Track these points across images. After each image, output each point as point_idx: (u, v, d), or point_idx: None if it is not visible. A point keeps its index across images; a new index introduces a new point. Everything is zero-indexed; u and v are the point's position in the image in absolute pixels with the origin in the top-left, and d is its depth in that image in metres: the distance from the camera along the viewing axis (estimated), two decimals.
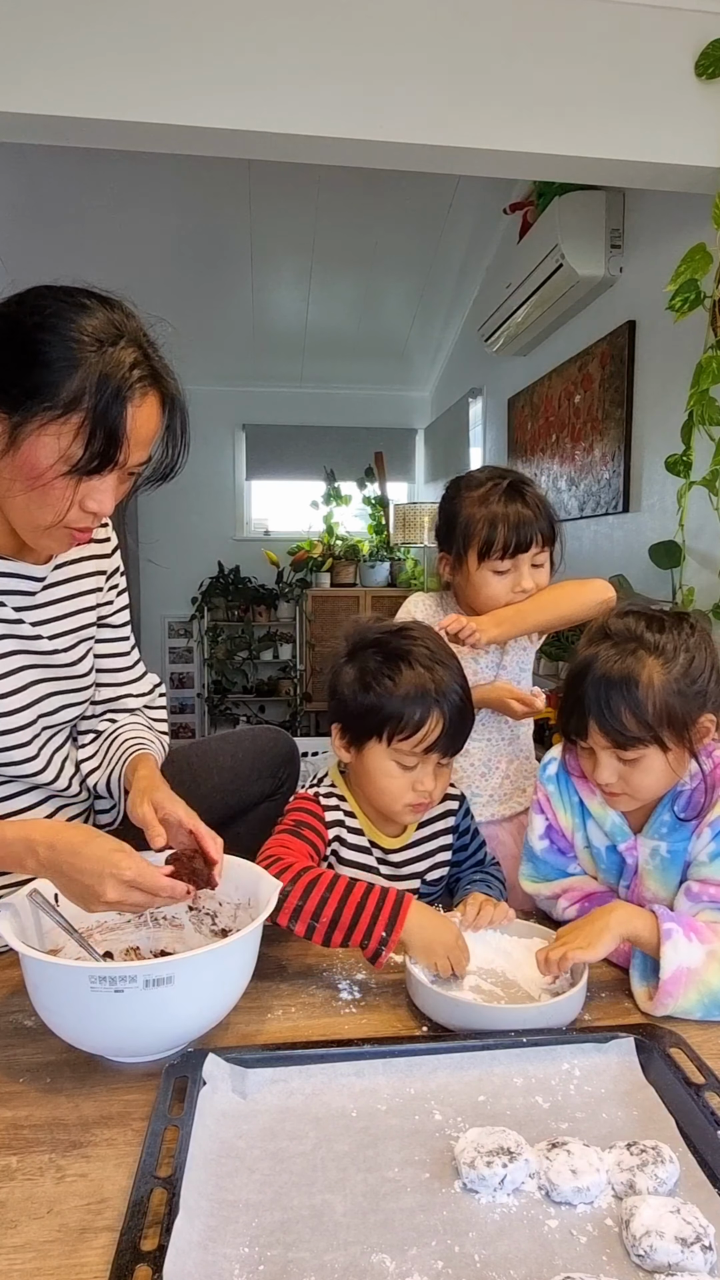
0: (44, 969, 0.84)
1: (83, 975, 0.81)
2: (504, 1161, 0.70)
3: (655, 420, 2.60)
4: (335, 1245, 0.65)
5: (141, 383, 0.93)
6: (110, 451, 0.93)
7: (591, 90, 1.93)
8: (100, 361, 0.90)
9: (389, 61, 1.86)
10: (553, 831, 1.21)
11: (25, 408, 0.89)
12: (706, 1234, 0.63)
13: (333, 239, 3.97)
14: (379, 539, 5.41)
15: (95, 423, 0.90)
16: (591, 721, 1.05)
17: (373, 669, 1.12)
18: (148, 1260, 0.61)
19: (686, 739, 1.05)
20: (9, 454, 0.92)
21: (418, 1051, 0.86)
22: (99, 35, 1.74)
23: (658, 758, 1.05)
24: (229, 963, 0.89)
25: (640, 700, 1.02)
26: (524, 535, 1.35)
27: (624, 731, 1.03)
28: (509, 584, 1.38)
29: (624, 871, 1.16)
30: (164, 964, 0.82)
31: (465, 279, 4.32)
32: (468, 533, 1.36)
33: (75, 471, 0.92)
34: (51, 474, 0.92)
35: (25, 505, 0.96)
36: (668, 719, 1.02)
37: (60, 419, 0.90)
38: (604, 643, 1.07)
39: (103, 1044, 0.87)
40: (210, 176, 3.44)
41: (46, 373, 0.89)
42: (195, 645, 5.50)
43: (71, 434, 0.91)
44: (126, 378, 0.91)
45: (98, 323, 0.92)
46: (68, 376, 0.89)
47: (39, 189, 3.51)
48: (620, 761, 1.06)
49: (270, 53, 1.81)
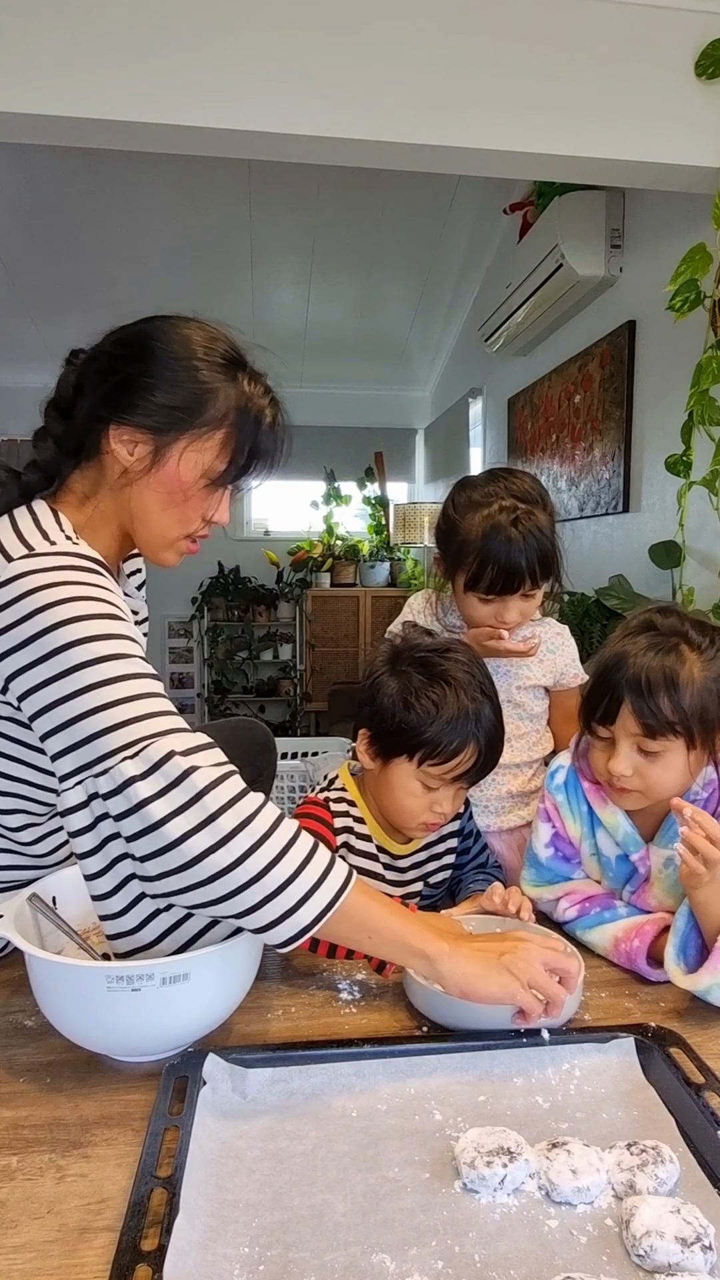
0: (58, 971, 0.83)
1: (99, 975, 0.81)
2: (504, 1161, 0.70)
3: (655, 420, 2.60)
4: (335, 1245, 0.65)
5: (272, 403, 1.02)
6: (249, 464, 1.01)
7: (591, 90, 1.93)
8: (236, 382, 0.99)
9: (389, 61, 1.86)
10: (559, 840, 1.21)
11: (174, 428, 0.97)
12: (707, 1234, 0.63)
13: (333, 239, 3.97)
14: (379, 539, 5.41)
15: (240, 439, 0.99)
16: (626, 705, 1.04)
17: (416, 687, 1.10)
18: (148, 1260, 0.61)
19: (711, 742, 1.05)
20: (153, 470, 0.98)
21: (418, 1051, 0.86)
22: (99, 35, 1.74)
23: (680, 754, 1.05)
24: (241, 959, 0.90)
25: (680, 689, 1.02)
26: (512, 579, 1.30)
27: (657, 717, 1.02)
28: (492, 613, 1.34)
29: (633, 879, 1.15)
30: (180, 961, 0.82)
31: (465, 279, 4.32)
32: (459, 557, 1.33)
33: (215, 484, 1.00)
34: (195, 488, 0.99)
35: (160, 520, 1.02)
36: (701, 715, 1.03)
37: (206, 435, 0.98)
38: (646, 633, 1.08)
39: (117, 1043, 0.87)
40: (210, 176, 3.44)
41: (195, 394, 0.97)
42: (195, 645, 5.50)
43: (215, 450, 0.99)
44: (264, 392, 1.01)
45: (218, 343, 1.00)
46: (212, 396, 0.97)
47: (39, 189, 3.51)
48: (641, 753, 1.06)
49: (270, 53, 1.81)
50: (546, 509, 1.34)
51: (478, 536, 1.29)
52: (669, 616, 1.09)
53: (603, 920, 1.13)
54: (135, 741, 0.82)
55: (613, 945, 1.09)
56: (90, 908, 0.94)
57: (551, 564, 1.34)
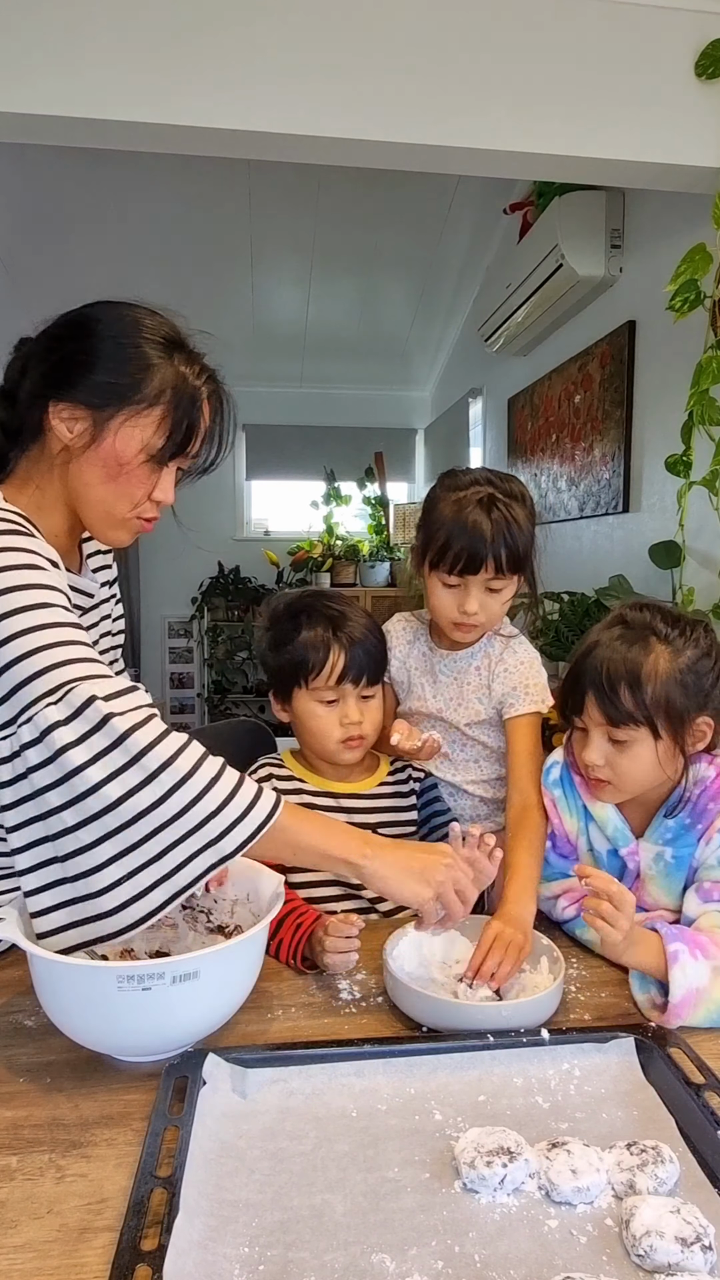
0: (66, 971, 0.83)
1: (110, 975, 0.81)
2: (504, 1161, 0.70)
3: (655, 420, 2.60)
4: (335, 1245, 0.65)
5: (210, 380, 1.05)
6: (187, 440, 1.02)
7: (591, 90, 1.94)
8: (175, 360, 1.01)
9: (389, 61, 1.86)
10: (557, 837, 1.21)
11: (112, 403, 0.98)
12: (706, 1234, 0.63)
13: (333, 239, 3.97)
14: (379, 539, 5.40)
15: (177, 414, 1.00)
16: (589, 695, 1.07)
17: (282, 632, 1.28)
18: (148, 1260, 0.61)
19: (680, 735, 1.05)
20: (92, 446, 0.99)
21: (418, 1051, 0.86)
22: (99, 35, 1.74)
23: (647, 745, 1.06)
24: (249, 956, 0.91)
25: (642, 680, 1.04)
26: (475, 557, 1.24)
27: (618, 708, 1.04)
28: (454, 601, 1.29)
29: (625, 876, 1.15)
30: (191, 959, 0.82)
31: (465, 279, 4.32)
32: (428, 535, 1.30)
33: (154, 460, 1.01)
34: (134, 463, 1.00)
35: (103, 497, 1.03)
36: (665, 706, 1.04)
37: (144, 411, 0.99)
38: (617, 626, 1.10)
39: (125, 1044, 0.87)
40: (210, 176, 3.44)
41: (132, 370, 0.98)
42: (195, 645, 5.50)
43: (154, 425, 1.00)
44: (200, 372, 1.03)
45: (161, 325, 1.02)
46: (150, 373, 0.99)
47: (39, 189, 3.51)
48: (610, 743, 1.07)
49: (270, 53, 1.81)
50: (526, 507, 1.30)
51: (449, 514, 1.27)
52: (642, 611, 1.12)
53: None
54: (58, 687, 0.84)
55: None
56: None
57: (523, 561, 1.28)
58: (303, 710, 1.27)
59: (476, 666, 1.39)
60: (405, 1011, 0.96)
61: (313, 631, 1.25)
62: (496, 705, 1.36)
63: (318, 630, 1.25)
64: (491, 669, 1.37)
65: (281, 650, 1.27)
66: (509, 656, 1.37)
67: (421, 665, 1.43)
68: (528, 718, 1.34)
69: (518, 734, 1.34)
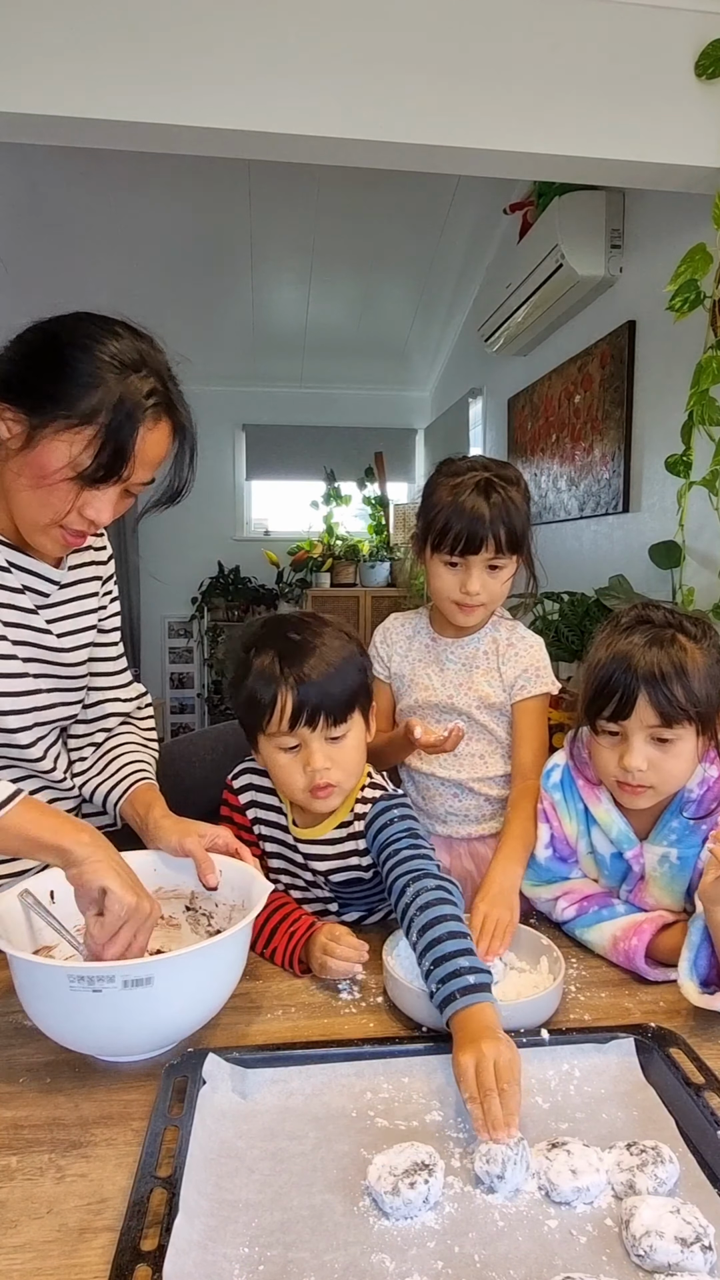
0: (27, 968, 0.84)
1: (61, 975, 0.81)
2: (424, 1178, 0.68)
3: (655, 420, 2.60)
4: (335, 1245, 0.65)
5: (155, 409, 1.01)
6: (116, 466, 1.00)
7: (592, 90, 1.94)
8: (121, 384, 0.98)
9: (389, 62, 1.86)
10: (556, 840, 1.21)
11: (46, 412, 0.97)
12: (706, 1234, 0.63)
13: (333, 239, 3.97)
14: (379, 539, 5.40)
15: (107, 437, 0.98)
16: (641, 698, 1.06)
17: (238, 667, 1.14)
18: (148, 1260, 0.61)
19: (712, 729, 1.07)
20: (24, 451, 1.00)
21: (418, 1052, 0.86)
22: (99, 35, 1.74)
23: (691, 742, 1.07)
24: (213, 963, 0.89)
25: (690, 676, 1.05)
26: (476, 535, 1.28)
27: (673, 703, 1.04)
28: (457, 581, 1.33)
29: (628, 877, 1.16)
30: (143, 965, 0.83)
31: (465, 279, 4.32)
32: (428, 518, 1.33)
33: (80, 479, 1.00)
34: (57, 477, 0.99)
35: (28, 502, 1.03)
36: (707, 700, 1.06)
37: (76, 428, 0.97)
38: (641, 627, 1.10)
39: (87, 1043, 0.87)
40: (210, 176, 3.44)
41: (71, 385, 0.97)
42: (195, 645, 5.50)
43: (84, 444, 0.98)
44: (142, 403, 0.99)
45: (125, 349, 1.00)
46: (89, 391, 0.97)
47: (39, 189, 3.51)
48: (655, 744, 1.07)
49: (270, 53, 1.81)
50: (522, 490, 1.34)
51: (448, 498, 1.30)
52: (658, 610, 1.12)
53: (601, 919, 1.13)
54: None
55: (611, 944, 1.09)
56: None
57: (520, 541, 1.32)
58: (267, 759, 1.13)
59: (485, 651, 1.40)
60: (405, 1011, 0.96)
61: (261, 669, 1.09)
62: (508, 688, 1.39)
63: (265, 667, 1.09)
64: (500, 652, 1.40)
65: (237, 690, 1.13)
66: (518, 640, 1.40)
67: (425, 657, 1.43)
68: (537, 699, 1.38)
69: (528, 717, 1.38)
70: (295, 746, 1.10)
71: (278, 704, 1.08)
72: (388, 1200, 0.67)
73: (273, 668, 1.08)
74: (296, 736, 1.09)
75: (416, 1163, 0.69)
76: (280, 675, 1.08)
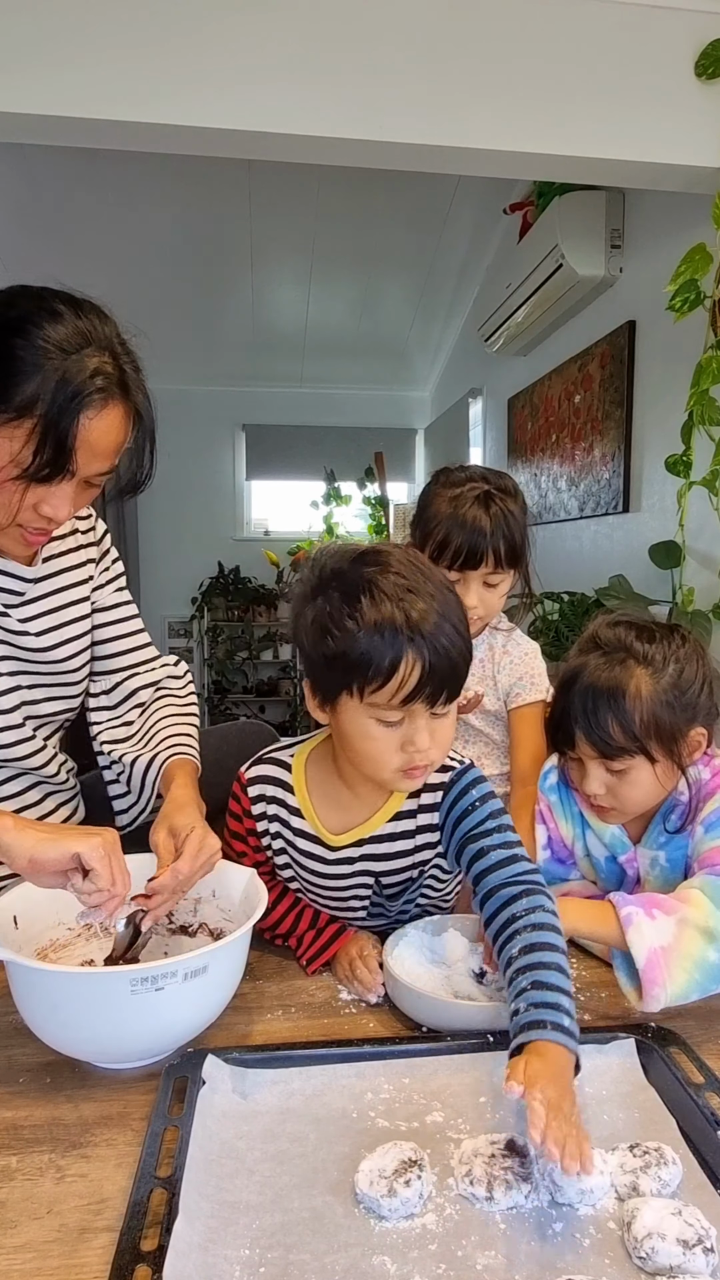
0: (77, 981, 0.82)
1: (123, 980, 0.80)
2: (417, 1174, 0.68)
3: (655, 420, 2.60)
4: (336, 1247, 0.65)
5: (102, 394, 0.92)
6: (60, 460, 0.92)
7: (591, 90, 1.93)
8: (60, 369, 0.90)
9: (389, 61, 1.86)
10: (554, 843, 1.21)
11: None
12: (708, 1236, 0.63)
13: (333, 239, 3.97)
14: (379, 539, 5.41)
15: (46, 430, 0.90)
16: (578, 732, 1.05)
17: (332, 609, 0.89)
18: (148, 1261, 0.61)
19: (675, 752, 1.04)
20: None
21: (418, 1052, 0.86)
22: (99, 35, 1.74)
23: (645, 770, 1.04)
24: (242, 950, 0.91)
25: (628, 711, 1.01)
26: (477, 549, 1.27)
27: (610, 742, 1.02)
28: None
29: (624, 881, 1.15)
30: (198, 956, 0.82)
31: (465, 279, 4.32)
32: (425, 531, 1.32)
33: (25, 476, 0.93)
34: (2, 476, 0.93)
35: None
36: (655, 731, 1.02)
37: (13, 422, 0.90)
38: (593, 652, 1.07)
39: (132, 1048, 0.86)
40: (210, 176, 3.44)
41: (3, 376, 0.89)
42: (195, 645, 5.50)
43: (23, 439, 0.91)
44: (85, 386, 0.91)
45: (64, 329, 0.92)
46: (25, 380, 0.89)
47: (39, 189, 3.51)
48: (608, 772, 1.06)
49: (270, 53, 1.81)
50: (520, 502, 1.34)
51: (447, 510, 1.29)
52: (615, 627, 1.08)
53: None
54: None
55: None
56: (52, 923, 0.96)
57: (518, 555, 1.32)
58: (352, 727, 0.92)
59: (480, 658, 1.40)
60: (405, 1011, 0.96)
61: (380, 625, 0.86)
62: (503, 696, 1.39)
63: (386, 622, 0.86)
64: (496, 660, 1.40)
65: (326, 638, 0.89)
66: (513, 648, 1.41)
67: None
68: (533, 707, 1.37)
69: (524, 724, 1.37)
70: (396, 722, 0.90)
71: (399, 673, 0.86)
72: (385, 1203, 0.67)
73: (401, 625, 0.86)
74: (404, 711, 0.89)
75: (404, 1160, 0.69)
76: (409, 639, 0.86)
